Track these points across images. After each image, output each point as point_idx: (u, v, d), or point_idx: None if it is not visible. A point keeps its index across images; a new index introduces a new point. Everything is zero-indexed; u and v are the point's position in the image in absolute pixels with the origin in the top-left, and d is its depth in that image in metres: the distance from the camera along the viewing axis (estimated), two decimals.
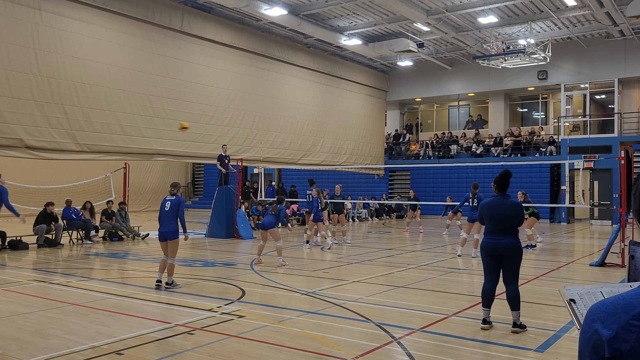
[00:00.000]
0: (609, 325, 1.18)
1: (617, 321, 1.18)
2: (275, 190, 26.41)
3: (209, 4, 19.43)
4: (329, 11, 20.71)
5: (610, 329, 1.17)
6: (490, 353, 5.37)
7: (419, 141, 31.43)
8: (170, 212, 8.66)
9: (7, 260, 11.85)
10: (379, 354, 5.27)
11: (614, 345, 1.16)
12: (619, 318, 1.18)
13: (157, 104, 17.69)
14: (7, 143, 14.11)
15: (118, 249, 14.33)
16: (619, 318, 1.18)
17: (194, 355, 5.16)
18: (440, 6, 19.73)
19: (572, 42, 24.43)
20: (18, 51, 14.25)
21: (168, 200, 8.79)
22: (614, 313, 1.19)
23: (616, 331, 1.17)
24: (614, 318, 1.19)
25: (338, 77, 25.90)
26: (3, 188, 12.11)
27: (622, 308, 1.19)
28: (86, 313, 6.84)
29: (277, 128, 22.26)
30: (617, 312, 1.19)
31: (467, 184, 26.52)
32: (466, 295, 8.18)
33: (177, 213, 8.69)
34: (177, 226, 8.69)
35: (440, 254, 13.37)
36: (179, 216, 8.72)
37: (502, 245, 6.05)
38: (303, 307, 7.22)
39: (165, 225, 8.66)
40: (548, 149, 26.08)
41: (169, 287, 8.54)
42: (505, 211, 6.12)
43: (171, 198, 8.82)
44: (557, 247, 15.92)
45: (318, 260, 12.42)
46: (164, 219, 8.69)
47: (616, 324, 1.17)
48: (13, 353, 5.19)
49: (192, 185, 37.63)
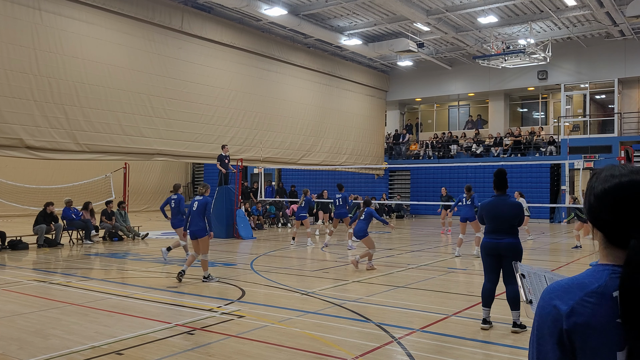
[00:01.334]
0: (566, 302, 1.34)
1: (573, 298, 1.34)
2: (274, 190, 26.43)
3: (209, 4, 19.43)
4: (329, 11, 20.71)
5: (567, 305, 1.34)
6: (490, 353, 5.37)
7: (419, 141, 31.43)
8: (198, 212, 9.15)
9: (7, 260, 11.85)
10: (379, 354, 5.27)
11: (571, 319, 1.32)
12: (575, 295, 1.34)
13: (157, 104, 17.69)
14: (7, 143, 14.11)
15: (118, 249, 14.33)
16: (574, 295, 1.35)
17: (194, 355, 5.16)
18: (440, 6, 19.73)
19: (572, 42, 24.43)
20: (18, 51, 14.24)
21: (196, 200, 9.27)
22: (570, 291, 1.36)
23: (572, 306, 1.33)
24: (570, 295, 1.35)
25: (338, 77, 25.90)
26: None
27: (576, 287, 1.36)
28: (86, 313, 6.84)
29: (277, 128, 22.26)
30: (572, 290, 1.36)
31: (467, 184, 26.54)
32: (466, 295, 8.18)
33: (204, 212, 9.16)
34: (205, 224, 9.13)
35: (441, 254, 13.37)
36: (206, 215, 9.18)
37: (502, 245, 6.06)
38: (303, 307, 7.22)
39: (193, 224, 9.15)
40: (548, 149, 26.08)
41: (207, 280, 9.02)
42: (505, 211, 6.13)
43: (199, 198, 9.31)
44: (557, 247, 15.92)
45: (318, 260, 12.42)
46: (192, 218, 9.19)
47: (572, 300, 1.34)
48: (13, 353, 5.19)
49: (192, 185, 37.64)
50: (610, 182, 1.41)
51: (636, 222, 1.36)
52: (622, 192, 1.38)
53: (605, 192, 1.40)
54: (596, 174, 1.47)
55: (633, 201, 1.37)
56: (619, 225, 1.38)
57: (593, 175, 1.48)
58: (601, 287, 1.34)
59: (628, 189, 1.38)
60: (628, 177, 1.40)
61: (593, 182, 1.46)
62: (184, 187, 36.60)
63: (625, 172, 1.42)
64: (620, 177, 1.40)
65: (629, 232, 1.36)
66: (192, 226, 9.16)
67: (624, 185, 1.39)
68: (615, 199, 1.39)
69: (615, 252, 1.40)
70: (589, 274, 1.39)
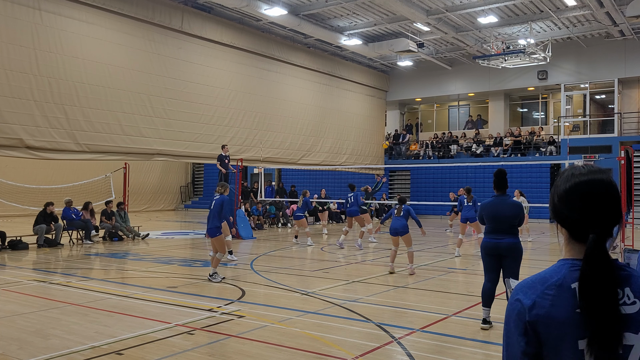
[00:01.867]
0: (529, 296, 1.44)
1: (535, 292, 1.44)
2: (274, 190, 26.42)
3: (209, 4, 19.43)
4: (329, 11, 20.71)
5: (530, 299, 1.44)
6: (490, 353, 5.37)
7: (419, 141, 31.43)
8: (214, 211, 9.22)
9: (7, 260, 11.85)
10: (379, 354, 5.27)
11: (533, 311, 1.42)
12: (537, 289, 1.45)
13: (157, 104, 17.69)
14: (7, 143, 14.10)
15: (118, 249, 14.33)
16: (536, 289, 1.45)
17: (194, 355, 5.16)
18: (440, 6, 19.72)
19: (572, 42, 24.43)
20: (18, 51, 14.24)
21: (214, 199, 9.32)
22: (533, 286, 1.46)
23: (534, 300, 1.43)
24: (533, 290, 1.45)
25: (338, 77, 25.89)
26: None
27: (538, 281, 1.47)
28: (86, 313, 6.84)
29: (277, 128, 22.26)
30: (535, 285, 1.46)
31: (467, 184, 26.49)
32: (466, 295, 8.18)
33: (219, 211, 9.19)
34: (219, 224, 9.15)
35: (440, 254, 13.37)
36: (223, 214, 9.27)
37: (503, 245, 6.07)
38: (303, 307, 7.22)
39: (209, 222, 9.24)
40: (548, 149, 26.08)
41: (211, 278, 8.99)
42: (505, 211, 6.13)
43: (216, 197, 9.34)
44: (557, 247, 15.92)
45: (318, 260, 12.42)
46: (209, 217, 9.27)
47: (534, 294, 1.44)
48: (13, 353, 5.19)
49: (192, 185, 37.64)
50: (571, 182, 1.51)
51: (594, 219, 1.46)
52: (582, 190, 1.49)
53: (567, 191, 1.51)
54: (560, 175, 1.57)
55: (591, 199, 1.48)
56: (579, 221, 1.48)
57: (558, 176, 1.59)
58: (560, 279, 1.44)
59: (586, 188, 1.49)
60: (586, 177, 1.50)
61: (557, 181, 1.57)
62: (183, 187, 36.62)
63: (584, 171, 1.52)
64: (579, 177, 1.51)
65: (588, 228, 1.46)
66: (208, 224, 9.28)
67: (583, 184, 1.49)
68: (575, 197, 1.49)
69: (577, 247, 1.50)
70: (552, 269, 1.49)
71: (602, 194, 1.48)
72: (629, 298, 1.42)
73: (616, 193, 1.50)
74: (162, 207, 33.62)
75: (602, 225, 1.46)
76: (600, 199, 1.47)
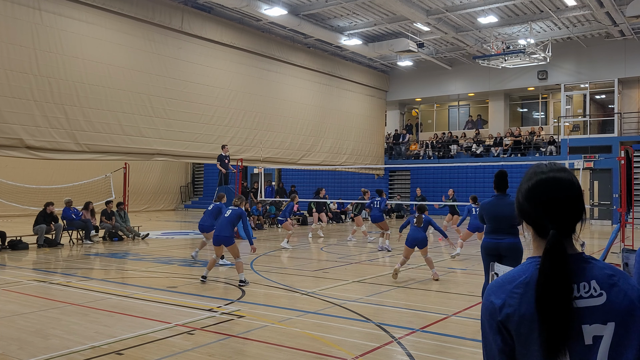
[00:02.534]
0: (499, 296, 1.47)
1: (504, 291, 1.47)
2: (274, 190, 26.42)
3: (209, 4, 19.43)
4: (329, 11, 20.71)
5: (500, 298, 1.47)
6: None
7: (419, 141, 31.43)
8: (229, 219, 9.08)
9: (7, 260, 11.85)
10: (379, 354, 5.27)
11: (503, 311, 1.45)
12: (506, 289, 1.47)
13: (157, 104, 17.69)
14: (7, 143, 14.10)
15: (118, 249, 14.33)
16: (505, 289, 1.48)
17: (194, 355, 5.16)
18: (440, 6, 19.72)
19: (572, 42, 24.42)
20: (18, 51, 14.24)
21: (230, 209, 9.23)
22: (502, 286, 1.49)
23: (504, 299, 1.46)
24: (502, 289, 1.48)
25: (338, 77, 25.89)
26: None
27: (507, 281, 1.49)
28: (86, 313, 6.84)
29: (277, 128, 22.26)
30: (504, 284, 1.49)
31: (467, 184, 26.53)
32: (466, 295, 8.18)
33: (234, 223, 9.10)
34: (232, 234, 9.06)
35: (440, 254, 13.37)
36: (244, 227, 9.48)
37: (503, 245, 6.07)
38: (303, 307, 7.22)
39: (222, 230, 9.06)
40: (548, 149, 26.08)
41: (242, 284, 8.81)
42: (504, 211, 6.13)
43: (234, 208, 9.22)
44: None
45: (318, 261, 12.42)
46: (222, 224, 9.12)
47: (504, 293, 1.47)
48: (13, 353, 5.19)
49: (192, 185, 37.63)
50: (533, 180, 1.55)
51: (555, 215, 1.49)
52: (542, 188, 1.52)
53: (529, 189, 1.55)
54: (526, 173, 1.61)
55: (551, 196, 1.51)
56: (541, 218, 1.51)
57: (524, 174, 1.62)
58: (527, 278, 1.47)
59: (547, 185, 1.52)
60: (547, 175, 1.54)
61: (522, 180, 1.60)
62: (183, 187, 36.65)
63: (546, 169, 1.56)
64: (541, 175, 1.55)
65: (550, 224, 1.49)
66: (219, 231, 9.02)
67: (544, 182, 1.53)
68: (536, 195, 1.52)
69: (542, 244, 1.52)
70: (520, 267, 1.53)
71: (562, 190, 1.51)
72: (595, 290, 1.43)
73: (577, 190, 1.53)
74: (162, 207, 33.61)
75: (563, 221, 1.49)
76: (560, 196, 1.50)
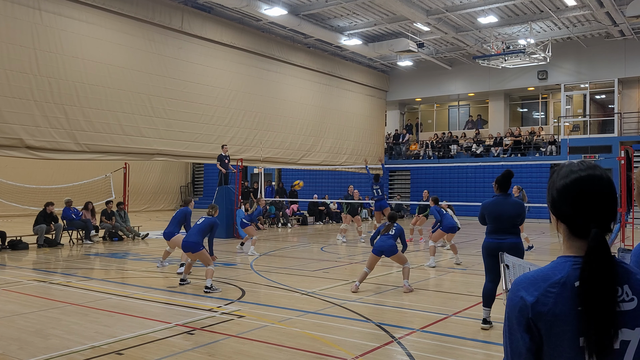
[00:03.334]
0: (532, 293, 1.45)
1: (537, 289, 1.45)
2: (274, 190, 26.40)
3: (209, 4, 19.43)
4: (329, 11, 20.71)
5: (533, 296, 1.44)
6: (491, 353, 5.37)
7: (419, 141, 31.42)
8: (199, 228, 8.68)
9: (7, 260, 11.85)
10: (379, 354, 5.27)
11: (536, 309, 1.43)
12: (539, 286, 1.45)
13: (157, 104, 17.68)
14: (7, 143, 14.10)
15: (118, 249, 14.33)
16: (539, 286, 1.45)
17: (194, 355, 5.16)
18: (440, 6, 19.72)
19: (572, 42, 24.43)
20: (18, 51, 14.24)
21: (203, 218, 8.85)
22: (534, 283, 1.46)
23: (537, 297, 1.43)
24: (535, 287, 1.45)
25: (338, 77, 25.89)
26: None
27: (541, 278, 1.47)
28: (86, 313, 6.83)
29: (277, 128, 22.26)
30: (537, 282, 1.46)
31: (467, 184, 26.54)
32: (466, 295, 8.17)
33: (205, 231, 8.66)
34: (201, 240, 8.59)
35: (440, 254, 13.36)
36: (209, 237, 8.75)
37: (505, 245, 6.05)
38: (303, 307, 7.21)
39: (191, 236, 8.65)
40: (548, 149, 26.08)
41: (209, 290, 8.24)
42: (507, 210, 6.12)
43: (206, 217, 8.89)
44: (557, 247, 15.91)
45: (318, 260, 12.42)
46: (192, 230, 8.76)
47: (537, 291, 1.44)
48: (13, 353, 5.19)
49: (192, 185, 37.63)
50: (570, 177, 1.52)
51: (595, 214, 1.47)
52: (583, 185, 1.50)
53: (567, 186, 1.51)
54: (556, 171, 1.57)
55: (591, 194, 1.48)
56: (579, 217, 1.49)
57: (554, 172, 1.59)
58: (563, 278, 1.44)
59: (588, 183, 1.49)
60: (586, 172, 1.51)
61: (554, 177, 1.56)
62: (183, 187, 36.65)
63: (583, 167, 1.53)
64: (580, 172, 1.51)
65: (589, 224, 1.46)
66: (188, 237, 8.64)
67: (583, 180, 1.50)
68: (575, 193, 1.50)
69: (577, 243, 1.50)
70: (553, 266, 1.50)
71: (602, 189, 1.49)
72: (627, 295, 1.43)
73: (614, 190, 1.52)
74: (162, 207, 33.60)
75: (602, 221, 1.48)
76: (600, 194, 1.49)
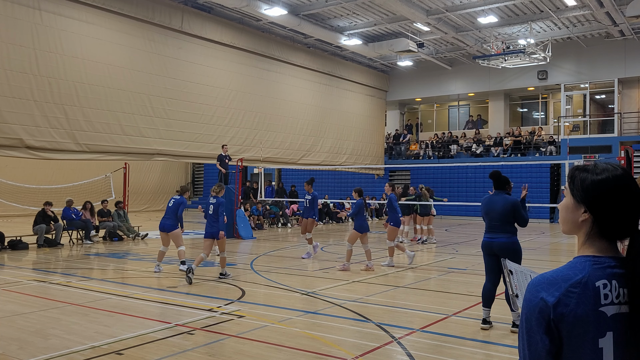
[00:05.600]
0: (552, 293, 1.42)
1: (558, 289, 1.42)
2: (274, 190, 26.42)
3: (209, 4, 19.42)
4: (329, 11, 20.71)
5: (553, 296, 1.41)
6: (490, 353, 5.37)
7: (419, 141, 31.42)
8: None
9: (7, 260, 11.85)
10: (379, 354, 5.27)
11: (557, 309, 1.40)
12: (560, 287, 1.42)
13: (157, 104, 17.68)
14: (7, 143, 14.10)
15: (118, 249, 14.33)
16: (559, 287, 1.42)
17: (194, 355, 5.16)
18: (440, 6, 19.72)
19: (572, 42, 24.43)
20: (18, 51, 14.23)
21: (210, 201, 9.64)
22: (555, 283, 1.43)
23: (558, 297, 1.41)
24: (556, 287, 1.43)
25: (338, 77, 25.89)
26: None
27: (561, 279, 1.44)
28: (86, 313, 6.83)
29: (277, 128, 22.26)
30: (557, 282, 1.43)
31: (467, 184, 26.55)
32: (466, 295, 8.18)
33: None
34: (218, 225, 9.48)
35: (440, 254, 13.37)
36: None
37: (495, 244, 6.02)
38: (303, 307, 7.22)
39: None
40: (548, 149, 26.08)
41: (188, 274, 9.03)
42: (496, 206, 6.09)
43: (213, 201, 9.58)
44: (557, 247, 15.92)
45: (318, 261, 12.42)
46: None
47: (558, 291, 1.42)
48: (13, 353, 5.19)
49: (192, 185, 37.63)
50: (603, 175, 1.48)
51: (631, 215, 1.45)
52: (619, 183, 1.47)
53: (602, 183, 1.48)
54: (586, 170, 1.52)
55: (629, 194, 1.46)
56: (617, 216, 1.46)
57: (582, 170, 1.53)
58: (585, 277, 1.43)
59: (623, 182, 1.47)
60: (618, 172, 1.48)
61: (580, 175, 1.51)
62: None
63: (617, 166, 1.50)
64: (613, 171, 1.49)
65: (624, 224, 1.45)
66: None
67: (619, 178, 1.47)
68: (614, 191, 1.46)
69: (599, 243, 1.48)
70: (571, 266, 1.47)
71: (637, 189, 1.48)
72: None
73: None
74: (162, 207, 33.55)
75: (636, 222, 1.46)
76: (636, 195, 1.47)
